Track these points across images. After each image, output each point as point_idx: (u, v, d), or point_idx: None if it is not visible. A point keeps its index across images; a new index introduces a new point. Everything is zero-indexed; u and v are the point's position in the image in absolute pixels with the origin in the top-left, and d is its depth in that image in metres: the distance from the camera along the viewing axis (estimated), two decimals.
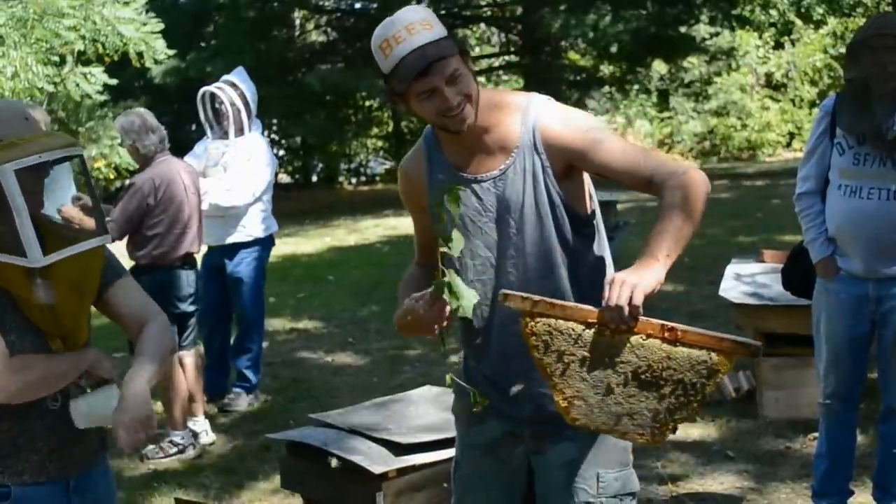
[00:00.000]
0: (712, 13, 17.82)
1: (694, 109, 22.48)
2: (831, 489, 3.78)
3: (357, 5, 20.28)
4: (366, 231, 13.59)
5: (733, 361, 2.11)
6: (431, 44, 2.17)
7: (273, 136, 19.75)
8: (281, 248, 8.70)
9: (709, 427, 4.97)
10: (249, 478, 4.73)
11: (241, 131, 5.75)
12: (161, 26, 11.35)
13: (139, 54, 11.25)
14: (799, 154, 19.08)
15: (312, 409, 5.12)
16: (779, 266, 4.67)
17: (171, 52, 11.78)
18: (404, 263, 2.59)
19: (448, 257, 2.21)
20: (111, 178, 13.73)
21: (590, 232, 2.37)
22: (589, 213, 2.38)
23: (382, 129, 21.98)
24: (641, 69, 19.44)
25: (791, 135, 22.56)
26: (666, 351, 2.09)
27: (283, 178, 20.93)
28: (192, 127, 15.45)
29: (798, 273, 3.97)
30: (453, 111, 2.21)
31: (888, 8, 15.83)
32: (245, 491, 4.58)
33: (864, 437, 4.30)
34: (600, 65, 20.24)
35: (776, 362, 4.95)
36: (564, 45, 19.17)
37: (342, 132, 19.52)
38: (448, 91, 2.19)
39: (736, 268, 5.60)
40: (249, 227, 5.77)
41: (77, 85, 11.32)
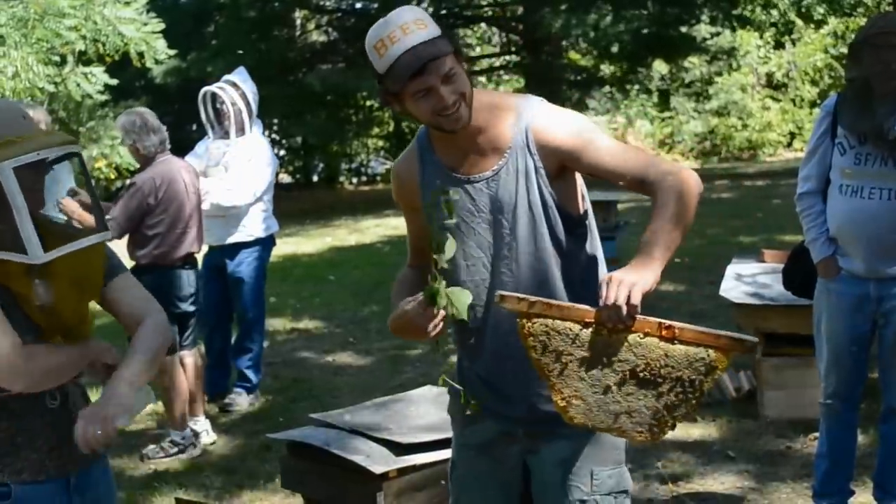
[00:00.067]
0: (713, 13, 17.81)
1: (695, 109, 22.48)
2: (832, 489, 3.78)
3: (358, 5, 20.28)
4: (366, 231, 13.59)
5: (731, 358, 2.11)
6: (426, 43, 2.17)
7: (274, 135, 19.74)
8: (282, 247, 8.69)
9: (709, 427, 4.97)
10: (250, 477, 4.73)
11: (242, 131, 5.76)
12: (162, 26, 11.36)
13: (140, 54, 11.25)
14: (799, 154, 19.09)
15: (313, 408, 5.12)
16: (779, 266, 4.67)
17: (172, 51, 11.78)
18: (405, 263, 2.59)
19: (442, 242, 2.20)
20: (112, 177, 13.73)
21: (582, 232, 2.38)
22: (581, 213, 2.38)
23: (383, 128, 21.97)
24: (642, 69, 19.44)
25: (792, 135, 22.57)
26: (664, 349, 2.10)
27: (284, 178, 20.93)
28: (193, 127, 15.44)
29: (799, 273, 3.97)
30: (448, 110, 2.21)
31: (889, 7, 15.83)
32: (246, 491, 4.58)
33: (864, 436, 4.30)
34: (601, 65, 20.24)
35: (777, 362, 4.95)
36: (565, 44, 19.18)
37: (343, 132, 19.53)
38: (443, 90, 2.19)
39: (737, 268, 5.60)
40: (250, 227, 5.77)
41: (78, 85, 11.31)
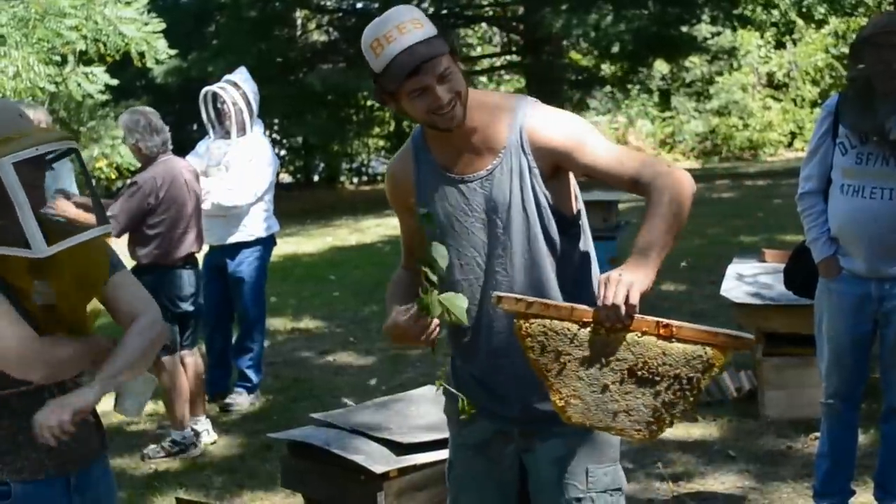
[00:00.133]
0: (714, 13, 17.80)
1: (695, 109, 22.47)
2: (833, 489, 3.78)
3: (358, 5, 20.25)
4: (367, 231, 13.59)
5: (728, 355, 2.13)
6: (422, 42, 2.19)
7: (275, 135, 19.74)
8: (282, 247, 8.69)
9: (710, 427, 4.97)
10: (251, 477, 4.73)
11: (242, 131, 5.75)
12: (163, 26, 11.36)
13: (141, 54, 11.26)
14: (800, 154, 19.10)
15: (314, 408, 5.12)
16: (780, 266, 4.67)
17: (173, 51, 11.79)
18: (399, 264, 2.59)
19: (433, 258, 2.21)
20: (113, 177, 13.72)
21: (576, 232, 2.39)
22: (575, 213, 2.40)
23: (384, 128, 21.97)
24: (643, 69, 19.43)
25: (793, 134, 22.56)
26: (661, 347, 2.11)
27: (285, 178, 20.92)
28: (194, 126, 15.44)
29: (800, 273, 3.96)
30: (443, 109, 2.23)
31: (890, 7, 15.83)
32: (246, 490, 4.58)
33: (865, 436, 4.30)
34: (602, 64, 20.22)
35: (778, 362, 4.94)
36: (566, 44, 19.16)
37: (344, 132, 19.52)
38: (439, 89, 2.21)
39: (737, 267, 5.60)
40: (251, 227, 5.77)
41: (79, 85, 11.32)
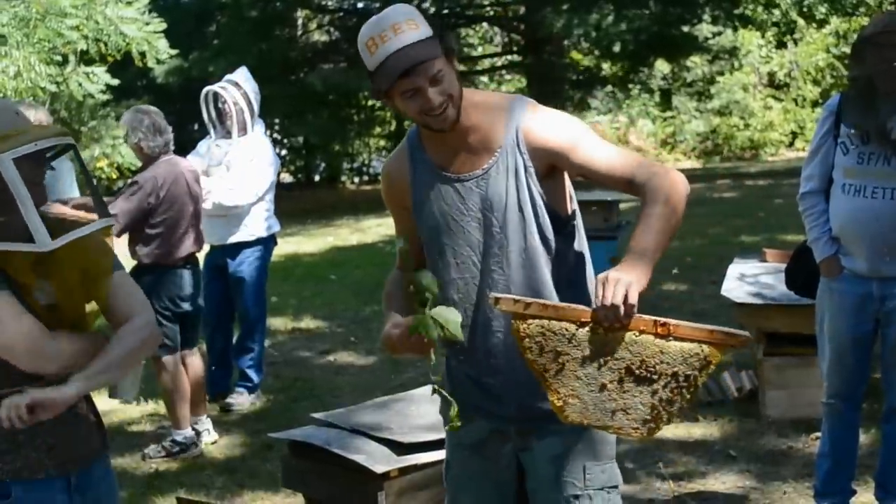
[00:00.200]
0: (715, 12, 17.78)
1: (696, 109, 22.45)
2: (834, 489, 3.78)
3: (359, 5, 20.22)
4: (368, 230, 13.59)
5: (724, 352, 2.16)
6: (416, 44, 2.19)
7: (275, 135, 19.73)
8: (283, 247, 8.69)
9: (711, 427, 4.96)
10: (251, 477, 4.73)
11: (243, 131, 5.75)
12: (164, 26, 11.34)
13: (142, 54, 11.24)
14: (801, 153, 19.11)
15: (314, 408, 5.12)
16: (781, 265, 4.67)
17: (174, 51, 11.77)
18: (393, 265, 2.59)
19: (423, 286, 2.22)
20: (114, 177, 13.71)
21: (570, 232, 2.40)
22: (569, 213, 2.41)
23: (385, 128, 21.96)
24: (644, 68, 19.43)
25: (794, 134, 22.55)
26: (659, 346, 2.13)
27: (286, 178, 20.91)
28: (195, 126, 15.43)
29: (801, 272, 3.96)
30: (435, 111, 2.24)
31: (891, 7, 15.83)
32: (247, 490, 4.58)
33: (866, 436, 4.30)
34: (603, 64, 20.23)
35: (779, 362, 4.94)
36: (567, 44, 19.14)
37: (345, 132, 19.52)
38: (431, 91, 2.22)
39: (738, 267, 5.60)
40: (252, 227, 5.76)
41: (80, 84, 11.30)
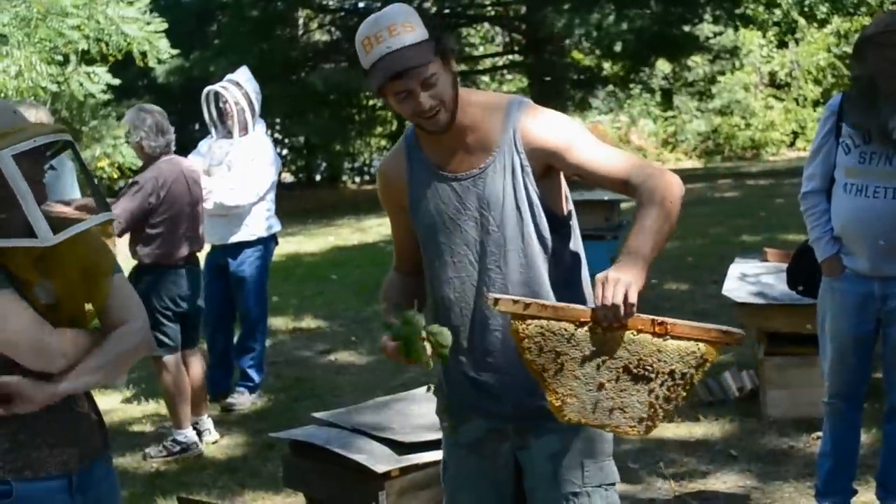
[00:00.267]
0: (716, 12, 17.78)
1: (697, 108, 22.47)
2: (835, 488, 3.78)
3: (360, 4, 20.21)
4: (369, 230, 13.59)
5: (721, 351, 2.19)
6: (410, 47, 2.19)
7: (276, 135, 19.74)
8: (284, 247, 8.69)
9: (712, 426, 4.96)
10: (252, 477, 4.74)
11: (245, 130, 5.75)
12: (165, 25, 11.34)
13: (143, 53, 11.24)
14: (803, 153, 19.10)
15: (315, 408, 5.12)
16: (782, 265, 4.67)
17: (175, 51, 11.77)
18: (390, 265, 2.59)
19: (413, 316, 2.22)
20: (115, 177, 13.70)
21: (566, 232, 2.41)
22: (566, 213, 2.42)
23: (386, 127, 21.96)
24: (645, 68, 19.44)
25: (795, 134, 22.56)
26: (656, 345, 2.15)
27: (287, 178, 20.94)
28: (196, 126, 15.43)
29: (803, 272, 3.96)
30: (426, 114, 2.25)
31: (892, 6, 15.82)
32: (248, 490, 4.58)
33: (867, 436, 4.29)
34: (604, 64, 20.23)
35: (780, 361, 4.94)
36: (568, 44, 19.13)
37: (346, 131, 19.54)
38: (422, 95, 2.23)
39: (740, 267, 5.60)
40: (253, 227, 5.77)
41: (81, 84, 11.30)
